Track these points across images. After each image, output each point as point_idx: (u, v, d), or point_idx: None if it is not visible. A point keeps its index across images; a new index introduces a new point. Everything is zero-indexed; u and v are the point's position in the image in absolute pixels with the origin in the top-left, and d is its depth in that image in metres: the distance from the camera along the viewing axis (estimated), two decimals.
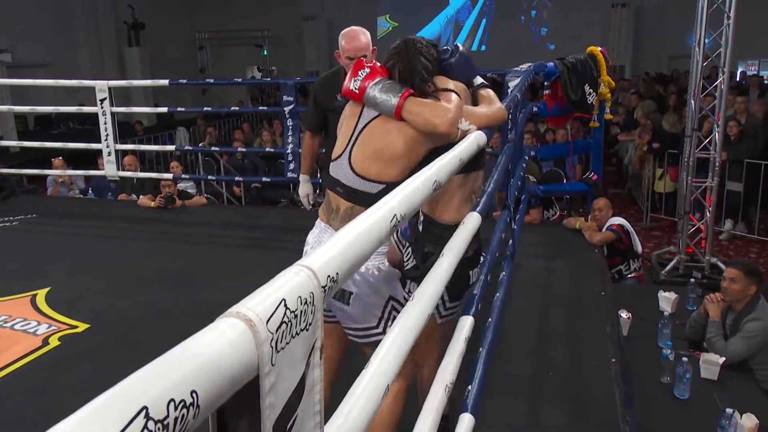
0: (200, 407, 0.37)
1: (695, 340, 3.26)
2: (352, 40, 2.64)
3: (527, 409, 2.27)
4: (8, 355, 2.77)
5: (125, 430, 0.32)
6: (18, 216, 4.91)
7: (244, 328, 0.44)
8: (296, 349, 0.51)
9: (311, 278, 0.54)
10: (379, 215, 0.79)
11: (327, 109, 2.80)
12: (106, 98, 4.70)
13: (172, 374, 0.37)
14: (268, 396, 0.48)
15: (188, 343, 0.40)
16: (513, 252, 3.01)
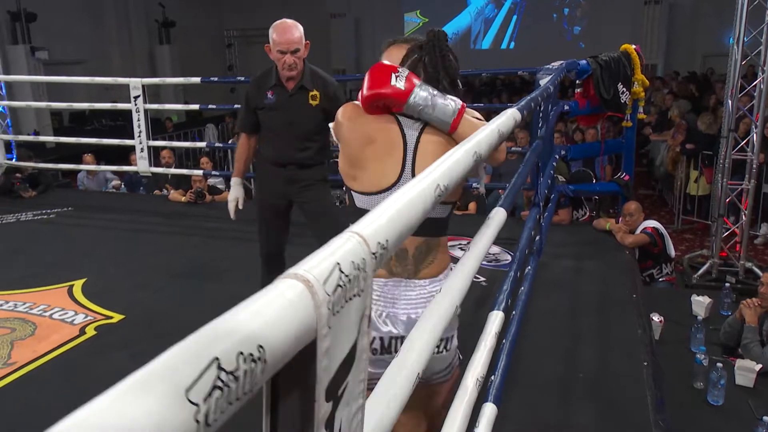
0: (267, 362, 0.38)
1: (730, 345, 3.20)
2: (285, 32, 2.50)
3: (556, 409, 2.26)
4: (48, 343, 2.87)
5: (199, 379, 0.33)
6: (54, 209, 5.05)
7: (303, 288, 0.45)
8: (350, 314, 0.52)
9: (362, 245, 0.55)
10: (424, 185, 0.79)
11: (257, 107, 2.67)
12: (140, 95, 4.79)
13: (240, 328, 0.38)
14: (323, 359, 0.49)
15: (250, 301, 0.41)
16: (540, 249, 3.00)
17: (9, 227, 4.69)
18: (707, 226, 5.78)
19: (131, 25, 13.50)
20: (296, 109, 2.61)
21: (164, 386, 0.32)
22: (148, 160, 4.95)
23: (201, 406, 0.33)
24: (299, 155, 2.65)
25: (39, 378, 2.57)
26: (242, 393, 0.37)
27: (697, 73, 11.96)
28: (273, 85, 2.61)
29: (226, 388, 0.35)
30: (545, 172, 3.19)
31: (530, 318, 2.70)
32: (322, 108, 2.62)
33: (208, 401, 0.33)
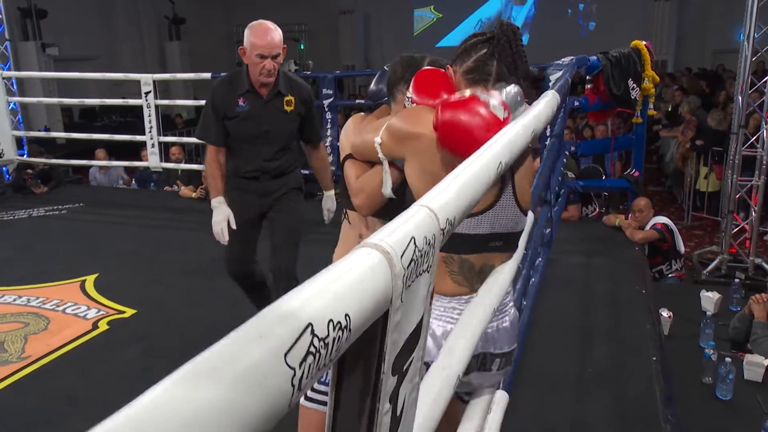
0: (351, 331, 0.38)
1: (738, 341, 3.20)
2: (266, 35, 2.27)
3: (565, 403, 2.28)
4: (61, 338, 2.91)
5: (296, 343, 0.33)
6: (66, 205, 5.10)
7: (381, 258, 0.44)
8: (419, 290, 0.52)
9: (433, 219, 0.54)
10: (486, 160, 0.77)
11: (226, 116, 2.39)
12: (151, 91, 4.83)
13: (329, 296, 0.38)
14: (393, 332, 0.48)
15: (333, 269, 0.41)
16: (550, 240, 3.01)
17: (21, 223, 4.74)
18: (717, 223, 5.75)
19: (141, 22, 13.56)
20: (272, 117, 2.41)
21: (259, 354, 0.31)
22: (159, 156, 4.99)
23: (297, 370, 0.33)
24: (274, 165, 2.47)
25: (53, 371, 2.61)
26: (329, 360, 0.36)
27: (707, 69, 11.87)
28: (245, 91, 2.38)
29: (318, 354, 0.34)
30: (555, 169, 3.19)
31: (540, 314, 2.72)
32: (297, 113, 2.46)
33: (303, 366, 0.33)
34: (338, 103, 4.48)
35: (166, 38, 14.10)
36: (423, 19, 15.30)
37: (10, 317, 3.13)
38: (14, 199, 5.33)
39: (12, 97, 5.69)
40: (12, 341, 2.89)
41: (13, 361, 2.69)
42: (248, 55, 2.30)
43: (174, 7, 13.67)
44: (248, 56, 2.31)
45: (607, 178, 4.85)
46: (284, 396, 0.32)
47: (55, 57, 10.83)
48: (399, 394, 0.54)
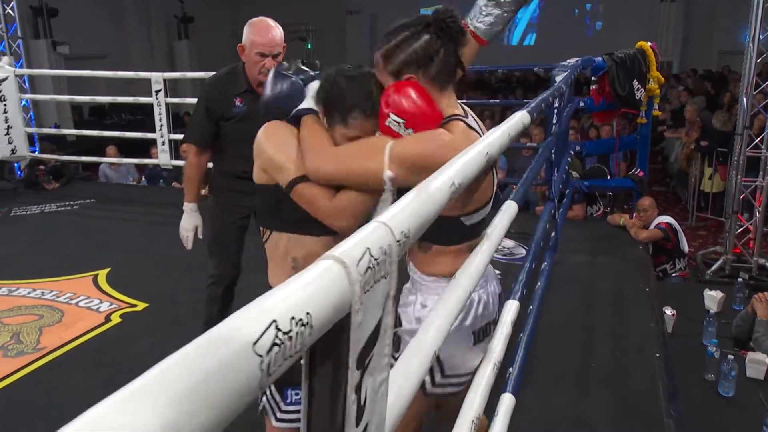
0: (313, 327, 0.45)
1: (741, 339, 3.22)
2: (267, 32, 2.17)
3: (570, 399, 2.31)
4: (74, 330, 2.96)
5: (262, 336, 0.40)
6: (77, 201, 5.16)
7: (339, 269, 0.51)
8: (377, 294, 0.58)
9: (388, 233, 0.61)
10: (441, 182, 0.85)
11: (222, 117, 2.26)
12: (161, 89, 4.87)
13: (291, 298, 0.45)
14: (355, 332, 0.55)
15: (296, 278, 0.48)
16: (555, 244, 3.04)
17: (33, 218, 4.80)
18: (721, 223, 5.76)
19: (151, 21, 13.65)
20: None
21: (236, 341, 0.39)
22: (169, 153, 5.04)
23: (264, 357, 0.39)
24: None
25: (68, 363, 2.66)
26: (294, 351, 0.43)
27: (712, 70, 11.85)
28: (243, 91, 2.25)
29: (282, 345, 0.41)
30: (560, 168, 3.22)
31: (546, 311, 2.74)
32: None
33: (269, 354, 0.40)
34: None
35: (174, 37, 14.18)
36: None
37: (25, 309, 3.19)
38: (26, 194, 5.40)
39: (24, 95, 5.75)
40: (27, 333, 2.94)
41: (28, 353, 2.75)
42: (247, 53, 2.19)
43: (183, 7, 13.74)
44: (247, 54, 2.19)
45: (611, 178, 4.87)
46: (254, 379, 0.39)
47: (66, 55, 10.92)
48: (362, 386, 0.60)
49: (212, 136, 2.30)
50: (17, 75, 5.47)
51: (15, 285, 3.47)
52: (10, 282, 3.50)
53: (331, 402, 0.58)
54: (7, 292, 3.39)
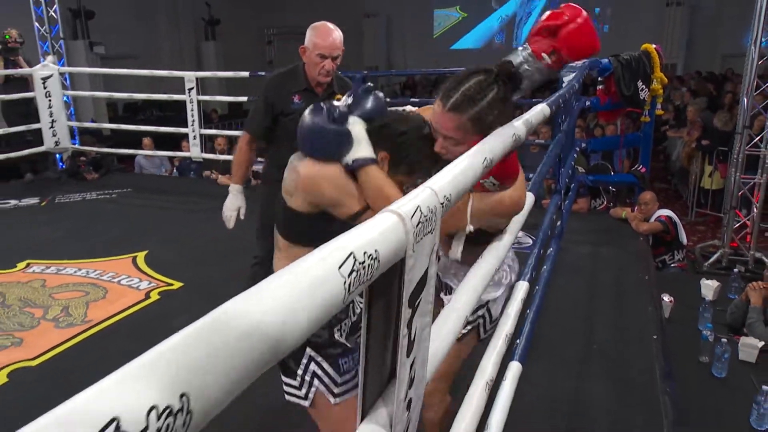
0: (380, 262, 0.54)
1: (735, 326, 3.27)
2: (328, 36, 2.24)
3: (572, 377, 2.37)
4: (118, 305, 3.09)
5: (344, 262, 0.49)
6: (116, 190, 5.31)
7: (397, 219, 0.61)
8: (425, 246, 0.67)
9: (434, 196, 0.70)
10: (475, 158, 0.96)
11: (282, 113, 2.32)
12: (194, 87, 5.00)
13: (363, 237, 0.55)
14: (408, 273, 0.64)
15: (363, 225, 0.57)
16: (561, 232, 3.10)
17: (76, 205, 4.96)
18: (719, 219, 5.77)
19: (180, 23, 13.80)
20: None
21: (324, 264, 0.48)
22: (200, 147, 5.16)
23: (346, 279, 0.49)
24: None
25: (113, 333, 2.79)
26: (365, 278, 0.52)
27: (715, 73, 11.76)
28: (302, 89, 2.32)
29: (358, 272, 0.51)
30: (566, 163, 3.28)
31: (550, 297, 2.81)
32: None
33: (350, 276, 0.50)
34: None
35: (202, 38, 14.32)
36: (447, 18, 15.27)
37: (72, 287, 3.33)
38: (69, 184, 5.55)
39: (66, 91, 5.90)
40: (75, 307, 3.08)
41: (77, 324, 2.88)
42: (308, 54, 2.25)
43: (210, 9, 13.89)
44: (308, 55, 2.25)
45: (615, 174, 4.91)
46: (340, 294, 0.48)
47: (102, 55, 11.10)
48: (413, 324, 0.69)
49: (267, 129, 2.37)
50: (60, 73, 5.63)
51: (63, 264, 3.62)
52: (58, 262, 3.64)
53: (386, 335, 0.67)
54: (56, 270, 3.54)
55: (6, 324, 2.88)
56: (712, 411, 2.54)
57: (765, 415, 2.38)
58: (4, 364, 2.52)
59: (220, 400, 0.34)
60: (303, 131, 1.24)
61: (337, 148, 1.20)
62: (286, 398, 1.35)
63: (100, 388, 0.31)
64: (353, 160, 1.19)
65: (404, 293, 0.64)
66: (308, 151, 1.24)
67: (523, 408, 1.70)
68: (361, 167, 1.19)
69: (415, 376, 0.71)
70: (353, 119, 1.23)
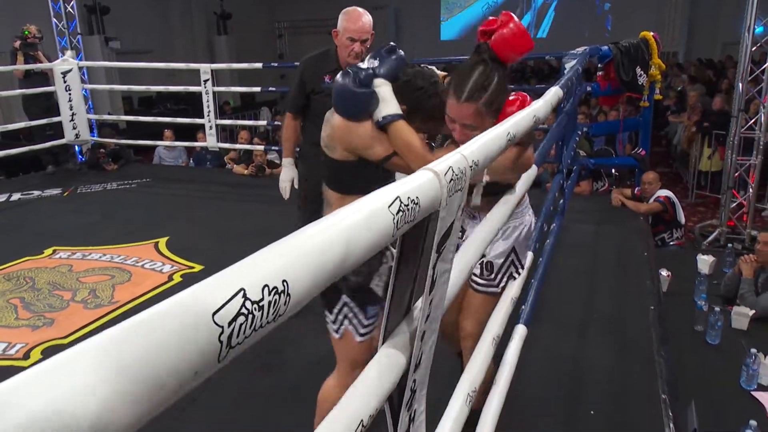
0: (421, 208, 0.63)
1: (729, 297, 3.33)
2: (358, 20, 2.34)
3: (573, 340, 2.46)
4: (142, 287, 3.19)
5: (392, 203, 0.59)
6: (135, 180, 5.41)
7: (433, 176, 0.69)
8: (455, 201, 0.76)
9: (464, 159, 0.79)
10: (501, 132, 1.04)
11: (313, 91, 2.46)
12: (209, 79, 5.08)
13: (407, 186, 0.63)
14: (440, 222, 0.72)
15: (408, 178, 0.66)
16: (563, 209, 3.17)
17: (97, 195, 5.06)
18: (718, 200, 5.81)
19: (193, 17, 13.85)
20: None
21: (377, 203, 0.57)
22: (216, 137, 5.25)
23: (395, 215, 0.58)
24: None
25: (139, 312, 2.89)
26: (409, 219, 0.61)
27: (714, 60, 11.69)
28: (333, 69, 2.41)
29: (403, 212, 0.60)
30: (569, 145, 3.34)
31: (553, 271, 2.88)
32: None
33: (398, 215, 0.59)
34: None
35: (214, 33, 14.37)
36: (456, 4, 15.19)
37: (98, 271, 3.43)
38: (89, 174, 5.65)
39: (84, 85, 6.00)
40: (102, 289, 3.19)
41: (104, 305, 2.98)
42: (340, 38, 2.36)
43: (222, 4, 13.92)
44: (339, 38, 2.36)
45: (616, 157, 4.96)
46: (389, 228, 0.58)
47: (117, 50, 11.19)
48: (437, 267, 0.77)
49: (303, 106, 2.52)
50: (79, 67, 5.72)
51: (88, 251, 3.72)
52: (83, 248, 3.75)
53: (413, 275, 0.75)
54: (82, 256, 3.65)
55: (37, 306, 2.99)
56: (705, 374, 2.62)
57: (754, 376, 2.46)
58: (37, 342, 2.63)
59: (308, 291, 0.46)
60: (334, 94, 1.38)
61: (363, 108, 1.35)
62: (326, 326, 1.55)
63: (230, 269, 0.42)
64: (382, 117, 1.34)
65: (435, 239, 0.72)
66: (340, 112, 1.39)
67: (529, 366, 1.79)
68: (389, 123, 1.34)
69: (431, 314, 0.79)
70: (379, 81, 1.35)
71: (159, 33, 12.91)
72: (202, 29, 14.12)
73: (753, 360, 2.39)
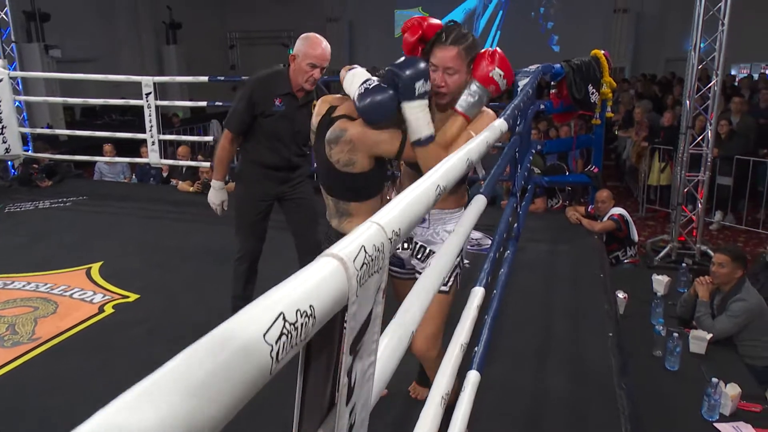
0: (316, 318, 0.45)
1: (685, 318, 3.31)
2: (319, 46, 2.33)
3: (531, 375, 2.34)
4: (69, 320, 2.89)
5: (271, 327, 0.40)
6: (70, 197, 5.04)
7: (338, 264, 0.52)
8: (370, 287, 0.59)
9: (381, 232, 0.62)
10: (427, 185, 0.88)
11: (262, 113, 2.40)
12: (151, 92, 4.78)
13: (296, 291, 0.45)
14: (351, 321, 0.55)
15: (299, 273, 0.48)
16: (518, 234, 3.06)
17: (28, 214, 4.68)
18: (668, 214, 5.90)
19: (140, 26, 13.37)
20: (303, 119, 2.42)
21: (247, 332, 0.39)
22: (159, 153, 4.95)
23: (274, 346, 0.40)
24: (296, 159, 2.54)
25: (62, 351, 2.60)
26: (299, 340, 0.43)
27: (657, 76, 12.12)
28: (285, 93, 2.40)
29: (289, 335, 0.42)
30: (523, 165, 3.24)
31: (509, 294, 2.77)
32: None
33: (278, 343, 0.40)
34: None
35: (163, 42, 13.92)
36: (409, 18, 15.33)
37: (20, 302, 3.11)
38: (21, 192, 5.25)
39: (17, 96, 5.58)
40: (22, 324, 2.87)
41: (23, 342, 2.68)
42: (298, 62, 2.33)
43: (171, 13, 13.50)
44: (298, 63, 2.33)
45: (569, 174, 4.94)
46: (265, 366, 0.39)
47: (58, 59, 10.62)
48: (353, 369, 0.61)
49: (247, 127, 2.44)
50: (11, 77, 5.32)
51: (10, 279, 3.38)
52: (5, 276, 3.40)
53: (325, 385, 0.59)
54: (2, 285, 3.30)
55: None
56: (666, 404, 2.55)
57: (715, 406, 2.40)
58: None
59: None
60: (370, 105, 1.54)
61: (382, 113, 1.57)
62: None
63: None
64: (424, 137, 1.56)
65: (344, 342, 0.56)
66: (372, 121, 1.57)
67: (482, 404, 1.65)
68: (425, 144, 1.56)
69: (356, 421, 0.62)
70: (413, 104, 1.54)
71: (105, 41, 12.36)
72: (150, 38, 13.63)
73: (714, 390, 2.32)
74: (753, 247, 5.79)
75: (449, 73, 1.60)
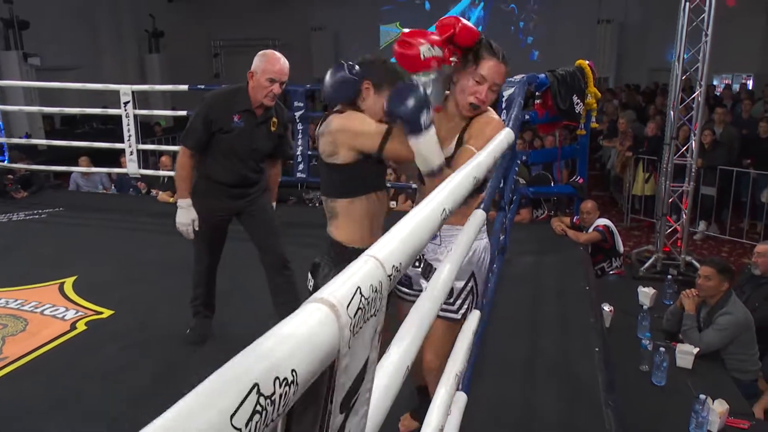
0: (298, 385, 0.37)
1: (671, 331, 3.28)
2: (277, 62, 2.33)
3: (518, 391, 2.29)
4: (39, 338, 2.79)
5: (241, 405, 0.32)
6: (46, 209, 4.92)
7: (328, 311, 0.44)
8: (366, 334, 0.51)
9: (379, 268, 0.54)
10: (431, 209, 0.79)
11: (221, 130, 2.38)
12: (130, 101, 4.70)
13: (274, 353, 0.37)
14: (342, 375, 0.48)
15: (280, 326, 0.40)
16: (504, 247, 3.03)
17: (1, 227, 4.55)
18: (653, 224, 5.91)
19: (122, 34, 13.24)
20: (261, 136, 2.46)
21: (210, 413, 0.31)
22: (138, 163, 4.86)
23: (243, 430, 0.32)
24: (253, 176, 2.52)
25: (31, 372, 2.49)
26: (276, 415, 0.36)
27: (640, 86, 12.25)
28: (243, 110, 2.39)
29: (264, 411, 0.34)
30: (509, 176, 3.21)
31: (495, 308, 2.72)
32: (277, 133, 2.53)
33: (249, 425, 0.32)
34: (309, 115, 4.49)
35: (146, 51, 13.80)
36: (389, 34, 15.38)
37: None
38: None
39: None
40: None
41: None
42: (257, 79, 2.33)
43: (154, 21, 13.40)
44: (257, 79, 2.33)
45: (554, 185, 4.93)
46: None
47: (37, 67, 10.46)
48: (345, 428, 0.53)
49: (205, 144, 2.41)
50: None
51: None
52: None
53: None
54: None
55: None
56: (654, 421, 2.51)
57: (703, 423, 2.36)
58: None
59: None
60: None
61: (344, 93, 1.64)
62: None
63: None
64: (437, 168, 1.50)
65: (333, 400, 0.48)
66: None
67: (470, 422, 1.58)
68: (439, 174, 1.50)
69: None
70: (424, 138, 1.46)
71: (86, 49, 12.21)
72: (133, 47, 13.50)
73: (702, 406, 2.29)
74: (737, 257, 5.82)
75: (493, 90, 1.58)
